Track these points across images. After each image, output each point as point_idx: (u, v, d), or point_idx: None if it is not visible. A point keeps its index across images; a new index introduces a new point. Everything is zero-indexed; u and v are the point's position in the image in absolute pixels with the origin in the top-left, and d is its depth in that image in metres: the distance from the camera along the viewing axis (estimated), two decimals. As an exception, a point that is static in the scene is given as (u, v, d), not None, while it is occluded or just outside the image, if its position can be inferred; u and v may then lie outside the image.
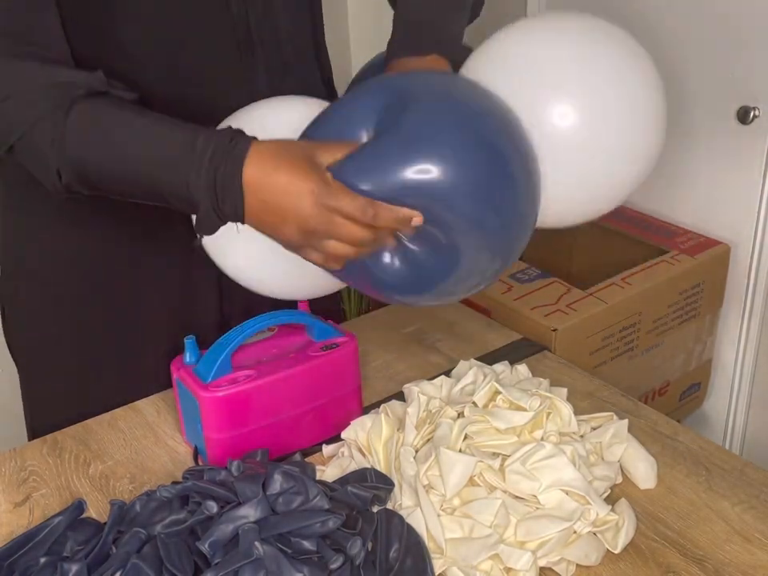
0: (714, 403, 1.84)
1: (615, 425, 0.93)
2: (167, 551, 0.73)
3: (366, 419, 0.95)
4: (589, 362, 1.44)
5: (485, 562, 0.77)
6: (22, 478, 0.94)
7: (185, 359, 0.93)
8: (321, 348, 0.95)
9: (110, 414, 1.05)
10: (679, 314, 1.60)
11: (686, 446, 0.96)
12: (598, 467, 0.87)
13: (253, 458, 0.88)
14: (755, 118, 1.54)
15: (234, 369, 0.91)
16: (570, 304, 1.42)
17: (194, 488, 0.79)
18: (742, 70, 1.55)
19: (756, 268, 1.65)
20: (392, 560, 0.76)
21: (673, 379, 1.69)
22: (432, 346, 1.20)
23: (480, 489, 0.83)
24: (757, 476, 0.90)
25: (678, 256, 1.59)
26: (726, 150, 1.62)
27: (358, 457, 0.91)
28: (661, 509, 0.86)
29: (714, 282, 1.65)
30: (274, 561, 0.71)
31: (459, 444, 0.86)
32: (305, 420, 0.95)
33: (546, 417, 0.89)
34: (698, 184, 1.70)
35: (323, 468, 0.91)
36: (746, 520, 0.84)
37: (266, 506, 0.75)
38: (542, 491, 0.81)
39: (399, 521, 0.80)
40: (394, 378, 1.11)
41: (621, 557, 0.80)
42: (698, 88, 1.63)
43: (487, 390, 0.92)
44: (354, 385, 0.99)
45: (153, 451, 0.98)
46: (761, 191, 1.59)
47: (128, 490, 0.92)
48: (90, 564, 0.74)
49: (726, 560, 0.80)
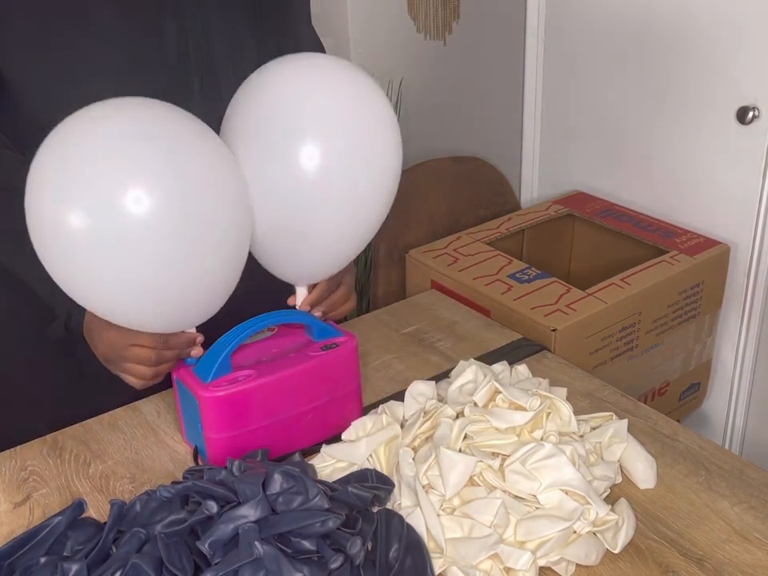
0: (713, 403, 1.84)
1: (615, 425, 0.93)
2: (167, 551, 0.73)
3: (367, 420, 0.95)
4: (588, 361, 1.44)
5: (485, 562, 0.77)
6: (22, 478, 0.94)
7: (185, 359, 0.93)
8: (321, 348, 0.95)
9: (109, 414, 1.05)
10: (679, 314, 1.60)
11: (686, 446, 0.96)
12: (597, 467, 0.87)
13: (253, 458, 0.88)
14: (755, 118, 1.55)
15: (233, 369, 0.91)
16: (570, 304, 1.42)
17: (194, 488, 0.79)
18: (742, 70, 1.55)
19: (756, 268, 1.65)
20: (392, 560, 0.76)
21: (672, 379, 1.69)
22: (432, 346, 1.20)
23: (480, 489, 0.83)
24: (756, 476, 0.90)
25: (678, 256, 1.59)
26: (726, 150, 1.62)
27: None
28: (660, 509, 0.87)
29: (714, 282, 1.65)
30: (274, 560, 0.71)
31: (459, 444, 0.86)
32: (305, 420, 0.95)
33: (545, 417, 0.90)
34: (698, 184, 1.70)
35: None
36: (746, 520, 0.84)
37: (266, 506, 0.75)
38: (542, 491, 0.81)
39: (399, 521, 0.80)
40: (393, 378, 1.11)
41: (620, 557, 0.80)
42: (698, 88, 1.63)
43: (487, 389, 0.92)
44: (354, 385, 0.99)
45: (153, 451, 0.99)
46: (761, 191, 1.59)
47: (128, 490, 0.92)
48: (89, 564, 0.74)
49: (726, 560, 0.80)
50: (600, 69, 1.82)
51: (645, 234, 1.70)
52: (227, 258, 0.86)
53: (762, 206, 1.60)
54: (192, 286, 0.84)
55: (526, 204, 2.08)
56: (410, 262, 1.67)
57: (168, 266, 0.80)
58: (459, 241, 1.69)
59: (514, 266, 1.56)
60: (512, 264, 1.57)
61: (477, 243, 1.68)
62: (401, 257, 1.72)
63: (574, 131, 1.94)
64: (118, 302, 0.82)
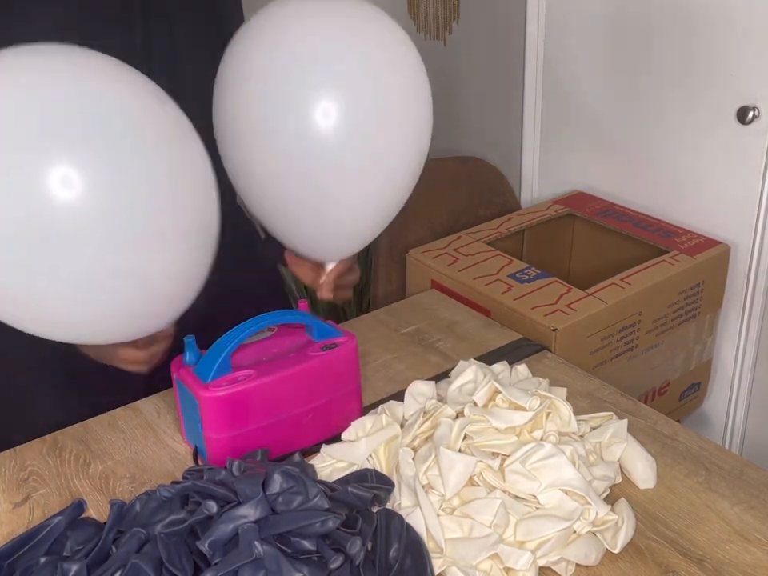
0: (713, 403, 1.84)
1: (615, 424, 0.93)
2: (167, 551, 0.73)
3: (367, 420, 0.95)
4: (588, 361, 1.44)
5: (484, 562, 0.77)
6: (21, 478, 0.94)
7: (185, 359, 0.93)
8: (321, 348, 0.95)
9: (109, 414, 1.05)
10: (679, 314, 1.60)
11: (686, 446, 0.96)
12: (597, 467, 0.87)
13: (253, 458, 0.88)
14: (755, 118, 1.55)
15: (233, 369, 0.91)
16: (570, 304, 1.42)
17: (194, 488, 0.79)
18: (742, 70, 1.55)
19: (756, 268, 1.65)
20: (392, 560, 0.76)
21: (672, 379, 1.69)
22: (432, 346, 1.20)
23: (480, 489, 0.83)
24: (756, 476, 0.90)
25: (678, 256, 1.59)
26: (726, 150, 1.62)
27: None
28: (660, 509, 0.86)
29: (714, 282, 1.65)
30: (274, 560, 0.71)
31: (459, 444, 0.86)
32: (305, 420, 0.95)
33: (545, 417, 0.90)
34: (698, 184, 1.70)
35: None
36: (746, 520, 0.84)
37: (266, 506, 0.75)
38: (542, 491, 0.81)
39: (399, 521, 0.80)
40: (393, 378, 1.11)
41: (620, 556, 0.80)
42: (698, 88, 1.63)
43: (487, 389, 0.92)
44: (354, 385, 0.99)
45: (153, 451, 0.99)
46: (761, 191, 1.59)
47: (128, 489, 0.92)
48: (89, 564, 0.74)
49: (726, 560, 0.80)
50: (600, 69, 1.82)
51: (645, 233, 1.70)
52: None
53: (762, 205, 1.60)
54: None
55: (525, 204, 2.09)
56: (410, 262, 1.67)
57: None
58: (459, 241, 1.70)
59: (514, 266, 1.56)
60: (512, 264, 1.57)
61: (477, 243, 1.68)
62: (401, 257, 1.72)
63: (573, 131, 1.94)
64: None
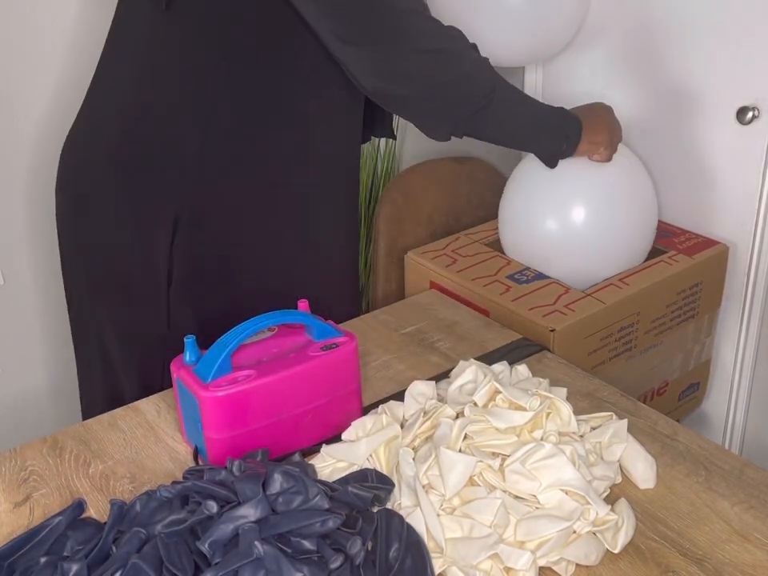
0: (713, 403, 1.84)
1: (615, 425, 0.93)
2: (167, 551, 0.74)
3: (367, 420, 0.95)
4: (587, 362, 1.44)
5: (484, 562, 0.77)
6: (22, 478, 0.94)
7: (185, 359, 0.93)
8: (321, 348, 0.95)
9: (109, 414, 1.05)
10: (678, 314, 1.60)
11: (686, 446, 0.96)
12: (597, 467, 0.87)
13: (253, 458, 0.88)
14: (755, 118, 1.54)
15: (234, 369, 0.91)
16: (569, 304, 1.42)
17: (194, 488, 0.79)
18: (742, 70, 1.55)
19: (755, 268, 1.65)
20: (392, 560, 0.76)
21: (671, 379, 1.69)
22: (432, 346, 1.20)
23: (480, 489, 0.83)
24: (756, 476, 0.90)
25: (677, 256, 1.59)
26: (726, 150, 1.62)
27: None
28: (660, 509, 0.87)
29: (713, 282, 1.65)
30: (274, 560, 0.71)
31: (459, 444, 0.86)
32: (305, 420, 0.95)
33: (545, 417, 0.90)
34: (698, 184, 1.70)
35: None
36: (746, 520, 0.84)
37: (266, 506, 0.75)
38: (542, 491, 0.81)
39: (399, 521, 0.80)
40: (393, 378, 1.11)
41: (620, 556, 0.80)
42: (698, 88, 1.63)
43: (487, 389, 0.92)
44: (354, 385, 0.99)
45: (153, 451, 0.98)
46: (760, 191, 1.59)
47: (128, 489, 0.92)
48: (90, 564, 0.74)
49: (726, 560, 0.80)
50: (599, 69, 1.82)
51: (644, 234, 1.69)
52: None
53: (762, 205, 1.60)
54: None
55: (525, 204, 2.08)
56: (409, 263, 1.67)
57: None
58: (458, 241, 1.69)
59: (513, 267, 1.56)
60: (510, 265, 1.57)
61: (476, 244, 1.68)
62: (400, 257, 1.72)
63: (573, 131, 1.93)
64: None
